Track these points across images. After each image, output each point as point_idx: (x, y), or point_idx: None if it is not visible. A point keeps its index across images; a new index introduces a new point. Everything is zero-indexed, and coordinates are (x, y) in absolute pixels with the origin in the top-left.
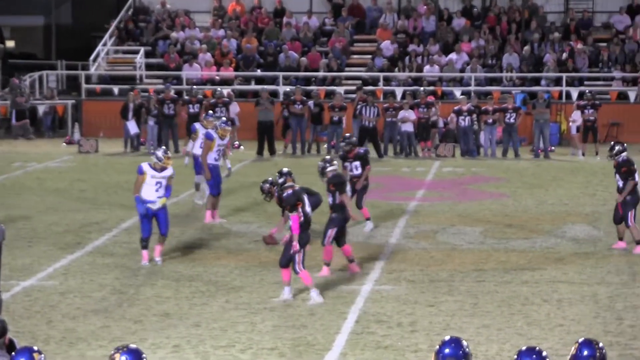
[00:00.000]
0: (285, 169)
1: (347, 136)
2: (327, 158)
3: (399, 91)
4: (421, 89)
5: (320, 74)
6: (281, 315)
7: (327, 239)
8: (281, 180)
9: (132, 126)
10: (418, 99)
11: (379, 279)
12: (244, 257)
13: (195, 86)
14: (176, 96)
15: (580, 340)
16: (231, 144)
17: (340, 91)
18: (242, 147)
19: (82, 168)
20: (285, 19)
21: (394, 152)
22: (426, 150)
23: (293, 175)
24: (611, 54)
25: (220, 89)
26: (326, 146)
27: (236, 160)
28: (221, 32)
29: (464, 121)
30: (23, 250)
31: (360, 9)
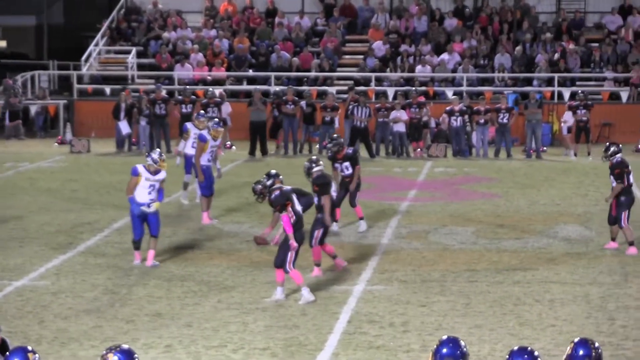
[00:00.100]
0: (273, 171)
1: (334, 137)
2: (313, 158)
3: (390, 91)
4: (413, 89)
5: (312, 74)
6: (273, 315)
7: (315, 240)
8: (269, 182)
9: (123, 126)
10: (410, 99)
11: (371, 279)
12: (236, 257)
13: (189, 86)
14: (167, 96)
15: (575, 339)
16: (223, 145)
17: (332, 91)
18: (234, 148)
19: (74, 168)
20: (277, 19)
21: (386, 153)
22: (418, 150)
23: (281, 177)
24: (603, 54)
25: (212, 89)
26: (318, 146)
27: (228, 161)
28: (213, 32)
29: (456, 121)
30: (15, 250)
31: (352, 9)
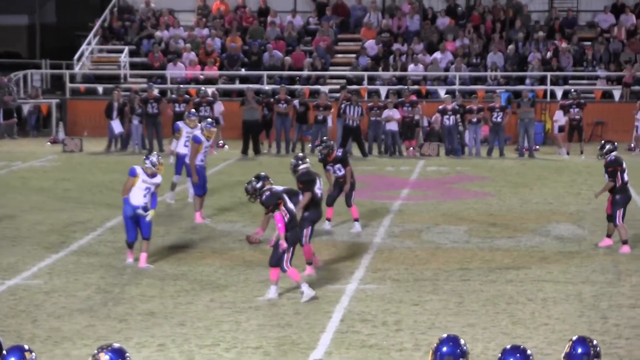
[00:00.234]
0: (262, 174)
1: (324, 140)
2: (299, 155)
3: (383, 90)
4: (405, 88)
5: (305, 73)
6: (266, 314)
7: (304, 238)
8: (259, 185)
9: (116, 125)
10: (402, 98)
11: (363, 277)
12: (228, 256)
13: (182, 85)
14: (159, 95)
15: (574, 337)
16: (215, 144)
17: (324, 90)
18: (226, 147)
19: (66, 167)
20: (269, 18)
21: (379, 152)
22: (411, 149)
23: (270, 179)
24: (596, 53)
25: (205, 88)
26: (310, 145)
27: (221, 160)
28: (205, 31)
29: (448, 120)
30: (7, 249)
31: (345, 8)
